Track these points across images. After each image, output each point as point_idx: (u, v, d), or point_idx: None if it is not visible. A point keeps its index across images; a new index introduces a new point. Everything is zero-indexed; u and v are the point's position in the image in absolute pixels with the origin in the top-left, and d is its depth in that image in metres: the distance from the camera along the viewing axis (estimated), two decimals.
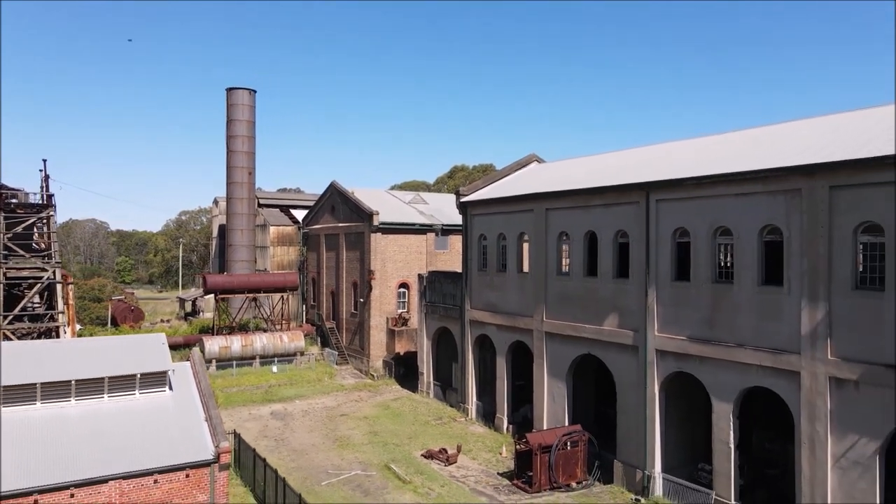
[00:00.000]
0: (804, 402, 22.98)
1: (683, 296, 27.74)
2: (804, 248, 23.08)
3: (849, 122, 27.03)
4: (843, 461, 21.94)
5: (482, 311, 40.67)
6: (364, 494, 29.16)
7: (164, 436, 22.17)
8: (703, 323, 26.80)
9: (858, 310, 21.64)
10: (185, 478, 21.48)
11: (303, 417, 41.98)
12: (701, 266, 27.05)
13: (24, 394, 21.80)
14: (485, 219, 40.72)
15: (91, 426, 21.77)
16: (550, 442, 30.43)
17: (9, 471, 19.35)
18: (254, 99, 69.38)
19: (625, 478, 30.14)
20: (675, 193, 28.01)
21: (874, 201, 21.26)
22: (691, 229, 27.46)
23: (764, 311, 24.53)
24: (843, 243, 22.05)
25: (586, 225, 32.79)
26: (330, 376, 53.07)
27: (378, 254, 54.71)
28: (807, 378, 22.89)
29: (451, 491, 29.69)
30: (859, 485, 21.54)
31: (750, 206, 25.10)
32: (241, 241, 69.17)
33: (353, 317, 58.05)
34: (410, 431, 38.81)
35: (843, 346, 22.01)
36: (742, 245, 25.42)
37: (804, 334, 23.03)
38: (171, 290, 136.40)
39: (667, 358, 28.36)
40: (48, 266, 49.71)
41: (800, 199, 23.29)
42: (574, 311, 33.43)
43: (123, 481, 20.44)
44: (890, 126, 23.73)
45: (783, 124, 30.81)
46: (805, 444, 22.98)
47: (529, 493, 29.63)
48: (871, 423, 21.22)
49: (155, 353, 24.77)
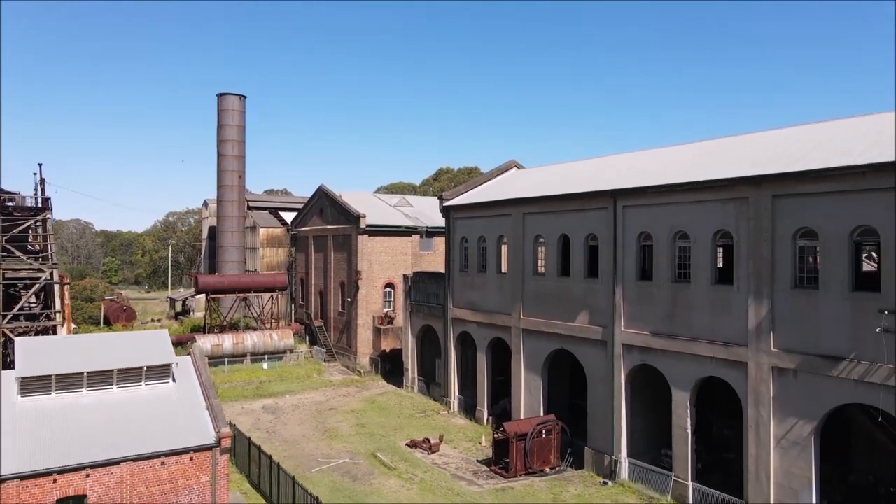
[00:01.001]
0: (750, 389, 25.46)
1: (646, 294, 30.18)
2: (751, 251, 25.55)
3: (799, 135, 29.51)
4: (784, 442, 24.43)
5: (464, 310, 42.94)
6: (352, 480, 31.32)
7: (169, 422, 24.19)
8: (664, 319, 29.24)
9: (797, 306, 24.14)
10: (190, 460, 23.54)
11: (293, 411, 44.03)
12: (662, 267, 29.49)
13: (40, 385, 23.72)
14: (466, 222, 43.01)
15: (102, 414, 23.75)
16: (526, 430, 32.74)
17: (29, 453, 21.31)
18: (244, 104, 71.26)
19: (594, 463, 32.53)
20: (639, 200, 30.44)
21: (810, 209, 23.77)
22: (654, 233, 29.90)
23: (716, 308, 27.00)
24: (784, 247, 24.55)
25: (560, 228, 35.16)
26: (318, 373, 55.13)
27: (365, 255, 56.83)
28: (753, 368, 25.37)
29: (433, 476, 31.92)
30: (798, 463, 24.04)
31: (705, 213, 27.56)
32: (232, 242, 71.02)
33: (340, 316, 60.13)
34: (396, 423, 41.00)
35: (783, 339, 24.50)
36: (698, 248, 27.89)
37: (751, 329, 25.50)
38: (159, 290, 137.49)
39: (632, 351, 30.78)
40: (45, 267, 51.33)
41: (747, 207, 25.77)
42: (549, 309, 35.78)
43: (133, 463, 22.47)
44: (832, 140, 26.29)
45: (740, 136, 33.32)
46: (751, 427, 25.46)
47: (506, 478, 31.90)
48: (808, 408, 23.72)
49: (159, 348, 26.78)
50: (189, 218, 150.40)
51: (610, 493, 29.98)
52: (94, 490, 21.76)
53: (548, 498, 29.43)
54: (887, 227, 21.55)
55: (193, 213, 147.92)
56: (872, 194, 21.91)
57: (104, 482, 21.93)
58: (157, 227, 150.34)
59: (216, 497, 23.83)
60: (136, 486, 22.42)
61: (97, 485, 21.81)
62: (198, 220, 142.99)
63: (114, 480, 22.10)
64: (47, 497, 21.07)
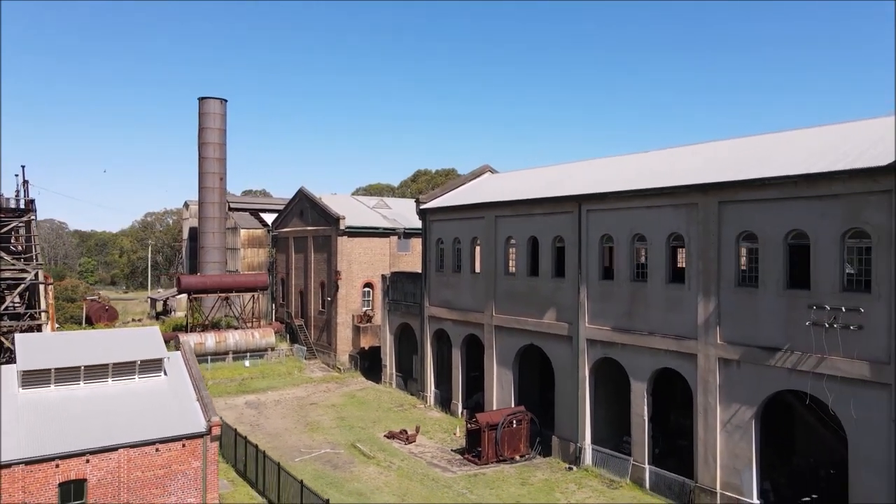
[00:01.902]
0: (700, 378, 27.85)
1: (608, 292, 32.48)
2: (700, 252, 27.94)
3: (748, 145, 31.96)
4: (729, 426, 26.84)
5: (439, 308, 45.00)
6: (333, 468, 33.22)
7: (162, 412, 25.86)
8: (624, 315, 31.56)
9: (739, 303, 26.56)
10: (182, 447, 25.25)
11: (275, 406, 45.75)
12: (622, 267, 31.81)
13: (40, 378, 25.26)
14: (442, 224, 45.09)
15: (99, 405, 25.36)
16: (497, 421, 34.87)
17: (33, 441, 22.92)
18: (225, 108, 72.65)
19: (561, 450, 34.78)
20: (602, 205, 32.74)
21: (751, 214, 26.20)
22: (615, 236, 32.21)
23: (670, 305, 29.37)
24: (728, 249, 26.96)
25: (530, 231, 37.36)
26: (299, 370, 56.84)
27: (344, 256, 58.63)
28: (702, 359, 27.76)
29: (410, 464, 33.93)
30: (741, 445, 26.45)
31: (660, 217, 29.92)
32: (213, 243, 72.35)
33: (320, 314, 61.86)
34: (374, 416, 42.95)
35: (728, 332, 26.90)
36: (654, 250, 30.24)
37: (700, 323, 27.89)
38: (136, 290, 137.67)
39: (595, 346, 33.06)
40: (29, 268, 52.37)
41: (697, 212, 28.15)
42: (519, 306, 37.97)
43: (130, 449, 24.13)
44: (776, 151, 28.77)
45: (695, 145, 35.75)
46: (700, 413, 27.85)
47: (478, 465, 34.00)
48: (749, 394, 26.15)
49: (151, 344, 28.43)
50: (167, 218, 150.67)
51: (574, 477, 32.24)
52: (94, 474, 23.42)
53: (517, 482, 31.59)
54: (816, 231, 24.00)
55: (171, 213, 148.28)
56: (804, 201, 24.36)
57: (103, 467, 23.60)
58: (134, 227, 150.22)
59: (207, 481, 25.60)
60: (132, 470, 24.10)
61: (96, 469, 23.47)
62: (176, 221, 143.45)
63: (112, 465, 23.77)
64: (50, 481, 22.68)
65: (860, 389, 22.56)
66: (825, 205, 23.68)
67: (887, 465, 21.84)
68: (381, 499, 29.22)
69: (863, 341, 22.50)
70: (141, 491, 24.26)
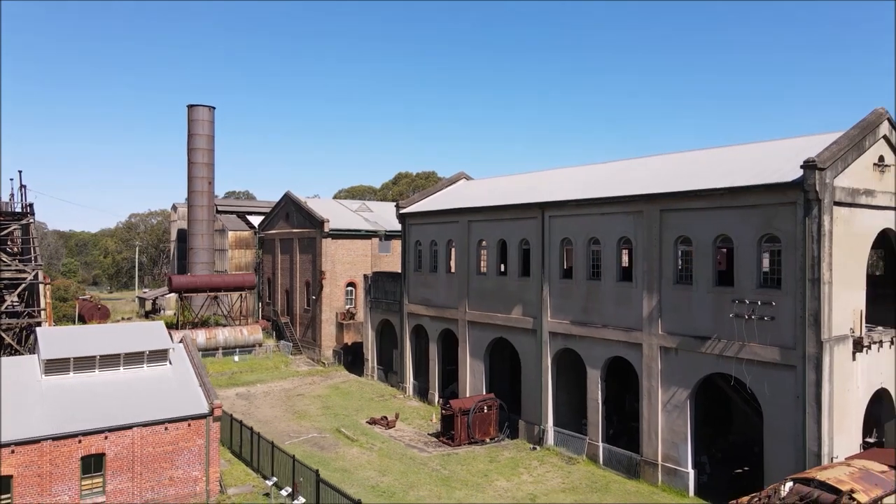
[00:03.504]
0: (644, 365, 31.71)
1: (568, 290, 36.28)
2: (644, 254, 31.80)
3: (692, 158, 35.97)
4: (668, 406, 30.73)
5: (418, 305, 48.59)
6: (320, 449, 36.66)
7: (169, 396, 29.16)
8: (581, 310, 35.35)
9: (677, 298, 30.45)
10: (188, 426, 28.59)
11: (264, 397, 49.05)
12: (580, 267, 35.61)
13: (60, 366, 28.46)
14: (420, 228, 48.69)
15: (113, 389, 28.60)
16: (469, 407, 38.52)
17: (58, 420, 26.13)
18: (213, 115, 75.64)
19: (526, 432, 38.52)
20: (562, 211, 36.52)
21: (686, 221, 30.11)
22: (573, 239, 36.00)
23: (620, 300, 33.20)
24: (668, 251, 30.85)
25: (498, 234, 41.07)
26: (286, 364, 60.13)
27: (328, 256, 62.00)
28: (646, 348, 31.62)
29: (389, 446, 37.47)
30: (678, 422, 30.34)
31: (612, 223, 33.75)
32: (202, 244, 75.31)
33: (306, 312, 65.17)
34: (357, 406, 46.43)
35: (668, 324, 30.79)
36: (606, 251, 34.07)
37: (644, 316, 31.76)
38: (120, 290, 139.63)
39: (556, 338, 36.83)
40: (28, 268, 55.10)
41: (643, 218, 32.01)
42: (490, 303, 41.67)
43: (142, 428, 27.42)
44: (714, 165, 32.73)
45: (647, 157, 39.73)
46: (645, 395, 31.72)
47: (452, 447, 37.62)
48: (685, 378, 30.04)
49: (157, 336, 31.71)
50: (151, 219, 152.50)
51: (537, 455, 35.98)
52: (111, 449, 26.71)
53: (486, 460, 35.26)
54: (738, 236, 27.96)
55: (156, 214, 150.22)
56: (728, 211, 28.30)
57: (119, 443, 26.90)
58: (119, 228, 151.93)
59: (209, 456, 28.96)
60: (144, 446, 27.42)
61: (114, 445, 26.77)
62: (160, 222, 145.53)
63: (127, 442, 27.08)
64: (74, 455, 25.94)
65: (772, 371, 26.53)
66: (745, 214, 27.64)
67: (794, 435, 25.81)
68: (364, 474, 32.73)
69: (774, 330, 26.46)
70: (152, 464, 27.57)
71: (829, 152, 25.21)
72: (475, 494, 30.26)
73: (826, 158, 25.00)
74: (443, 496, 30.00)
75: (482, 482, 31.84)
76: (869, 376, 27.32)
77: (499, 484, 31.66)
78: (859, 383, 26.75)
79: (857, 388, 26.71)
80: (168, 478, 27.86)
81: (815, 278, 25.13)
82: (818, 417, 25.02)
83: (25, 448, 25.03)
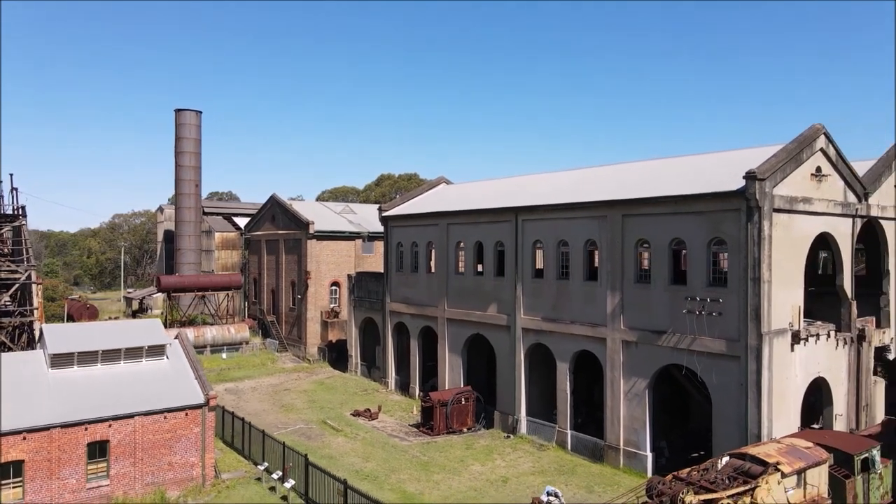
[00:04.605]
0: (608, 357, 34.42)
1: (539, 289, 38.92)
2: (608, 255, 34.51)
3: (654, 167, 38.78)
4: (629, 394, 33.48)
5: (399, 304, 51.03)
6: (307, 439, 38.98)
7: (167, 388, 31.34)
8: (551, 307, 38.01)
9: (637, 296, 33.20)
10: (185, 416, 30.80)
11: (252, 392, 51.22)
12: (550, 267, 38.26)
13: (65, 360, 30.55)
14: (402, 230, 51.14)
15: (115, 382, 30.73)
16: (447, 398, 41.03)
17: (66, 409, 28.23)
18: (200, 119, 77.53)
19: (501, 422, 41.13)
20: (534, 215, 39.16)
21: (645, 225, 32.88)
22: (544, 241, 38.65)
23: (586, 298, 35.90)
24: (629, 253, 33.59)
25: (476, 236, 43.64)
26: (272, 361, 62.28)
27: (313, 257, 64.23)
28: (610, 342, 34.33)
29: (373, 436, 39.88)
30: (637, 410, 33.09)
31: (579, 226, 36.44)
32: (189, 245, 77.19)
33: (291, 311, 67.34)
34: (342, 399, 48.78)
35: (629, 320, 33.52)
36: (574, 253, 36.76)
37: (608, 313, 34.47)
38: (104, 291, 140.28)
39: (529, 334, 39.44)
40: (20, 269, 56.71)
41: (606, 223, 34.72)
42: (467, 301, 44.23)
43: (143, 417, 29.60)
44: (674, 173, 35.52)
45: (613, 165, 42.58)
46: (608, 385, 34.43)
47: (431, 436, 40.09)
48: (644, 369, 32.79)
49: (154, 333, 33.88)
50: (134, 220, 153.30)
51: (511, 443, 38.60)
52: (115, 436, 28.88)
53: (463, 448, 37.79)
54: (691, 239, 30.75)
55: (139, 215, 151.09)
56: (682, 216, 31.07)
57: (122, 431, 29.07)
58: (102, 228, 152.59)
59: (205, 443, 31.20)
60: (145, 434, 29.61)
61: (117, 432, 28.93)
62: (143, 222, 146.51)
63: (129, 430, 29.26)
64: (80, 441, 28.07)
65: (719, 361, 29.34)
66: (696, 219, 30.44)
67: (738, 419, 28.63)
68: (349, 461, 35.12)
69: (721, 324, 29.27)
70: (152, 450, 29.78)
71: (769, 164, 28.05)
72: (452, 477, 32.79)
73: (766, 170, 27.84)
74: (422, 479, 32.50)
75: (458, 467, 34.38)
76: (807, 366, 30.23)
77: (474, 468, 34.22)
78: (797, 372, 29.64)
79: (796, 377, 29.60)
80: (167, 463, 30.08)
81: (756, 277, 27.96)
82: (759, 403, 27.86)
83: (36, 435, 27.14)
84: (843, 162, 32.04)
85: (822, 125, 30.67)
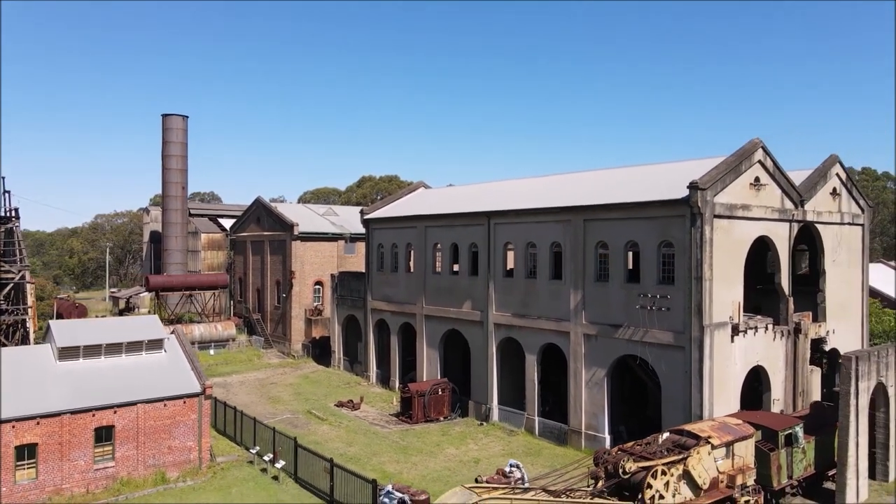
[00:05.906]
0: (571, 350, 37.72)
1: (510, 287, 42.14)
2: (572, 256, 37.80)
3: (615, 175, 42.21)
4: (590, 383, 36.81)
5: (380, 302, 54.02)
6: (294, 427, 41.82)
7: (166, 378, 34.05)
8: (521, 304, 41.24)
9: (597, 293, 36.53)
10: (183, 404, 33.55)
11: (240, 386, 53.91)
12: (519, 267, 41.50)
13: (71, 353, 33.16)
14: (382, 232, 54.14)
15: (117, 373, 33.40)
16: (425, 389, 44.11)
17: (74, 397, 30.89)
18: (186, 123, 79.81)
19: (475, 411, 44.31)
20: (505, 219, 42.37)
21: (604, 229, 36.22)
22: (514, 243, 41.88)
23: (552, 296, 39.17)
24: (590, 254, 36.91)
25: (452, 238, 46.78)
26: (258, 357, 64.96)
27: (297, 258, 66.98)
28: (573, 335, 37.63)
29: (355, 424, 42.85)
30: (597, 397, 36.42)
31: (545, 229, 39.69)
32: (176, 246, 79.46)
33: (276, 309, 69.99)
34: (326, 392, 51.67)
35: (590, 315, 36.84)
36: (541, 254, 40.02)
37: (571, 309, 37.76)
38: (86, 290, 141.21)
39: (500, 328, 42.65)
40: (14, 269, 58.80)
41: (569, 226, 38.01)
42: (444, 299, 47.34)
43: (145, 404, 32.31)
44: (633, 181, 38.90)
45: (579, 173, 46.02)
46: (572, 375, 37.74)
47: (410, 424, 43.12)
48: (602, 359, 36.12)
49: (152, 328, 36.56)
50: (116, 220, 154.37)
51: (483, 429, 41.80)
52: (120, 422, 31.59)
53: (439, 434, 40.90)
54: (643, 242, 34.14)
55: (121, 215, 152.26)
56: (636, 221, 34.45)
57: (126, 417, 31.79)
58: (84, 228, 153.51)
59: (202, 429, 33.99)
60: (147, 420, 32.34)
61: (121, 419, 31.64)
62: (125, 223, 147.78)
63: (132, 416, 31.99)
64: (88, 426, 30.76)
65: (668, 351, 32.75)
66: (648, 224, 33.84)
67: (683, 402, 32.05)
68: (333, 446, 38.04)
69: (669, 318, 32.69)
70: (153, 435, 32.52)
71: (709, 175, 31.50)
72: (428, 459, 35.90)
73: (707, 180, 31.28)
74: (401, 461, 35.57)
75: (435, 450, 37.50)
76: (746, 355, 33.72)
77: (449, 451, 37.36)
78: (737, 361, 33.13)
79: (735, 365, 33.09)
80: (167, 447, 32.85)
81: (699, 276, 31.39)
82: (701, 388, 31.29)
83: (48, 420, 29.79)
84: (780, 172, 35.63)
85: (760, 139, 34.22)
